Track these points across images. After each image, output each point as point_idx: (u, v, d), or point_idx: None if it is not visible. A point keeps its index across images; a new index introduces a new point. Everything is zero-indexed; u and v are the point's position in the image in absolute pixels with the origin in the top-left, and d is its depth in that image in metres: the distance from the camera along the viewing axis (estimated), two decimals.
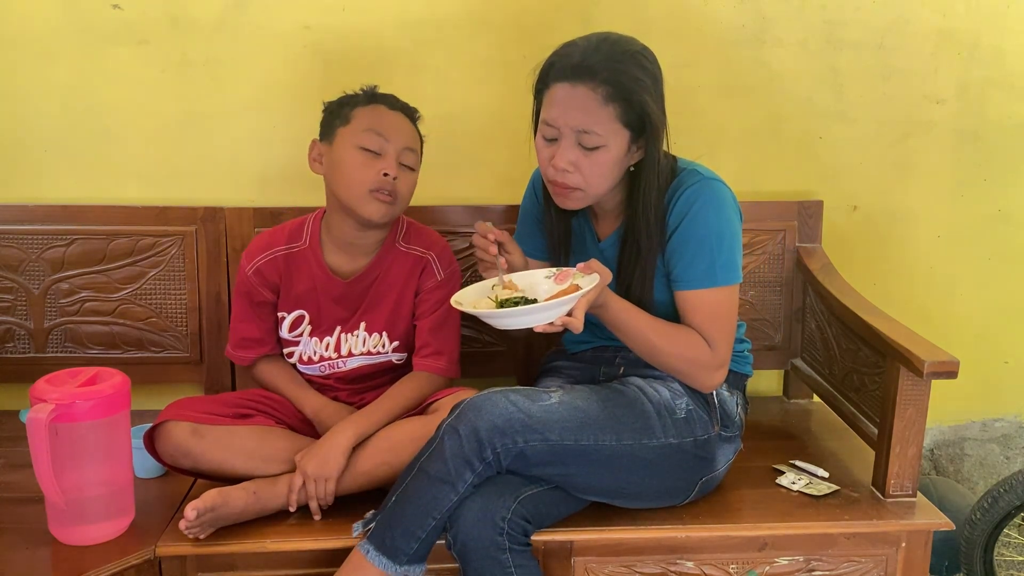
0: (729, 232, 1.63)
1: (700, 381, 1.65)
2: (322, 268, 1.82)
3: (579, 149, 1.55)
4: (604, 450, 1.56)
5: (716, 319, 1.62)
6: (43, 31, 2.05)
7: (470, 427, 1.50)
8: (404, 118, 1.77)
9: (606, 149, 1.55)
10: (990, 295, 2.33)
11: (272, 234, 1.86)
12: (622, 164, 1.59)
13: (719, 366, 1.64)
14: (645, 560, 1.65)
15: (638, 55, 1.57)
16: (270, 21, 2.07)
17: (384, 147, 1.72)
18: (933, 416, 1.76)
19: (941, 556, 2.11)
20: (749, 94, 2.18)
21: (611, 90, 1.52)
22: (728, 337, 1.65)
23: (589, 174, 1.57)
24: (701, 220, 1.61)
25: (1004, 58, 2.20)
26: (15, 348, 2.09)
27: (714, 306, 1.63)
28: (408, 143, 1.75)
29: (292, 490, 1.64)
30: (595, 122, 1.53)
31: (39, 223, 2.05)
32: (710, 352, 1.62)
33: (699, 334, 1.62)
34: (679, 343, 1.62)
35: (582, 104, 1.53)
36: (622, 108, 1.53)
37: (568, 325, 1.44)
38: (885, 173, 2.25)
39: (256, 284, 1.83)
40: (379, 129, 1.72)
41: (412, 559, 1.51)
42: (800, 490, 1.75)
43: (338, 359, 1.85)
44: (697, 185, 1.62)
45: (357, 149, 1.72)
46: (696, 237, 1.61)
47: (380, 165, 1.71)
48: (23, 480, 1.74)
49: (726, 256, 1.62)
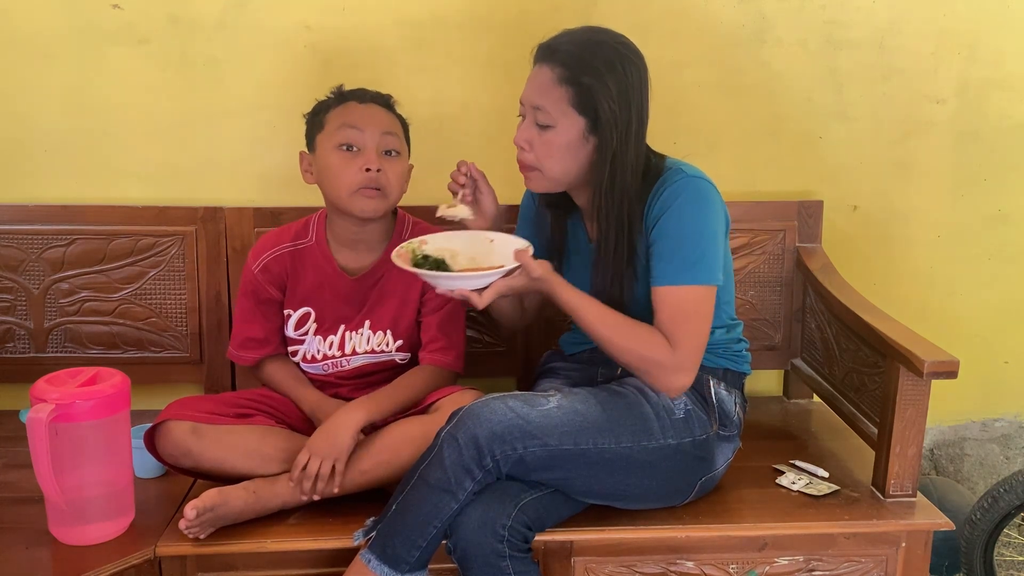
0: (708, 231, 1.60)
1: (659, 382, 1.60)
2: (331, 264, 1.82)
3: (535, 128, 1.61)
4: (603, 453, 1.56)
5: (682, 318, 1.58)
6: (43, 31, 2.05)
7: (469, 435, 1.50)
8: (377, 108, 1.78)
9: (555, 130, 1.58)
10: (990, 295, 2.33)
11: (278, 233, 1.87)
12: (576, 151, 1.60)
13: (679, 368, 1.58)
14: (645, 560, 1.65)
15: (605, 45, 1.58)
16: (270, 21, 2.07)
17: (360, 139, 1.73)
18: (933, 416, 1.76)
19: (941, 556, 2.11)
20: (749, 94, 2.18)
21: (565, 72, 1.56)
22: (694, 339, 1.58)
23: (541, 154, 1.61)
24: (678, 217, 1.58)
25: (1004, 58, 2.20)
26: (15, 348, 2.09)
27: (682, 304, 1.58)
28: (385, 128, 1.76)
29: (297, 466, 1.62)
30: (546, 100, 1.58)
31: (39, 223, 2.05)
32: (669, 352, 1.57)
33: (662, 333, 1.58)
34: (634, 340, 1.58)
35: (539, 82, 1.60)
36: (573, 92, 1.56)
37: (469, 300, 1.53)
38: (885, 173, 2.25)
39: (263, 282, 1.83)
40: (351, 123, 1.74)
41: (414, 567, 1.51)
42: (800, 490, 1.75)
43: (342, 357, 1.85)
44: (680, 182, 1.60)
45: (335, 150, 1.74)
46: (672, 233, 1.59)
47: (360, 161, 1.72)
48: (23, 480, 1.74)
49: (702, 255, 1.58)
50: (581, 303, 1.60)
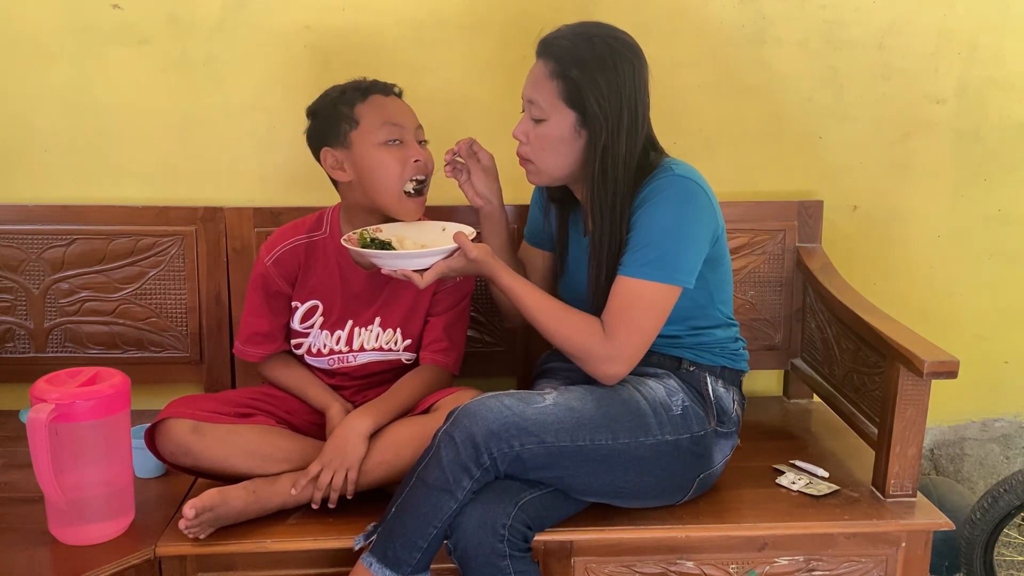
0: (683, 232, 1.58)
1: (592, 370, 1.60)
2: (345, 258, 1.81)
3: (531, 122, 1.64)
4: (600, 450, 1.56)
5: (628, 311, 1.57)
6: (43, 31, 2.05)
7: (466, 433, 1.50)
8: (399, 99, 1.81)
9: (548, 123, 1.61)
10: (990, 295, 2.33)
11: (293, 227, 1.87)
12: (569, 145, 1.61)
13: (611, 359, 1.58)
14: (645, 560, 1.65)
15: (598, 39, 1.59)
16: (270, 21, 2.07)
17: (402, 134, 1.75)
18: (933, 416, 1.76)
19: (941, 556, 2.11)
20: (749, 94, 2.18)
21: (556, 67, 1.59)
22: (633, 333, 1.57)
23: (535, 147, 1.64)
24: (653, 212, 1.58)
25: (1004, 58, 2.20)
26: (15, 348, 2.09)
27: (632, 297, 1.57)
28: (417, 120, 1.79)
29: (308, 475, 1.63)
30: (539, 94, 1.61)
31: (39, 223, 2.05)
32: (603, 341, 1.57)
33: (600, 322, 1.58)
34: (567, 326, 1.60)
35: (534, 76, 1.64)
36: (563, 85, 1.59)
37: (410, 279, 1.58)
38: (885, 173, 2.25)
39: (274, 275, 1.82)
40: (392, 120, 1.75)
41: (415, 569, 1.51)
42: (800, 490, 1.75)
43: (348, 353, 1.85)
44: (666, 179, 1.60)
45: (379, 146, 1.73)
46: (643, 227, 1.58)
47: (406, 154, 1.73)
48: (23, 480, 1.74)
49: (665, 253, 1.57)
50: (518, 288, 1.62)
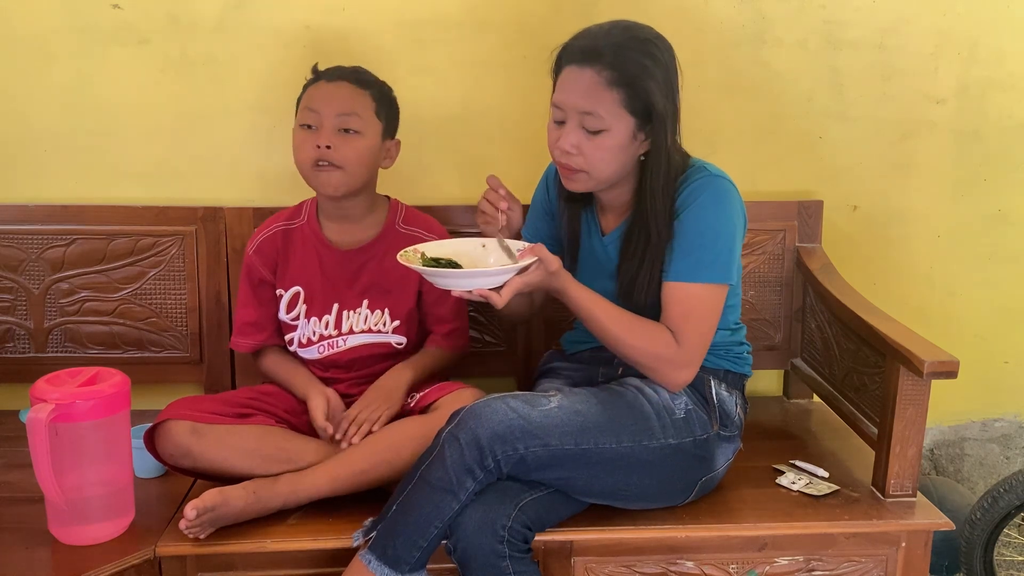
0: (727, 231, 1.61)
1: (663, 377, 1.62)
2: (319, 239, 1.86)
3: (583, 132, 1.57)
4: (604, 453, 1.56)
5: (691, 315, 1.60)
6: (43, 31, 2.05)
7: (471, 435, 1.50)
8: (345, 85, 1.80)
9: (608, 133, 1.56)
10: (990, 295, 2.33)
11: (274, 216, 1.93)
12: (627, 151, 1.59)
13: (684, 364, 1.61)
14: (645, 560, 1.65)
15: (648, 42, 1.58)
16: (270, 21, 2.07)
17: (317, 120, 1.77)
18: (933, 416, 1.76)
19: (941, 556, 2.11)
20: (749, 94, 2.18)
21: (616, 75, 1.54)
22: (699, 336, 1.61)
23: (592, 157, 1.58)
24: (699, 214, 1.60)
25: (1004, 58, 2.20)
26: (15, 348, 2.09)
27: (692, 301, 1.60)
28: (343, 109, 1.77)
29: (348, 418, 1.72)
30: (598, 105, 1.55)
31: (39, 223, 2.05)
32: (675, 348, 1.59)
33: (668, 329, 1.60)
34: (641, 336, 1.60)
35: (587, 87, 1.55)
36: (626, 94, 1.55)
37: (488, 298, 1.49)
38: (885, 173, 2.25)
39: (257, 264, 1.88)
40: (311, 105, 1.79)
41: (414, 567, 1.51)
42: (800, 490, 1.75)
43: (338, 337, 1.86)
44: (703, 180, 1.62)
45: (298, 128, 1.80)
46: (692, 230, 1.60)
47: (315, 139, 1.76)
48: (23, 480, 1.74)
49: (718, 254, 1.60)
50: (588, 299, 1.60)
